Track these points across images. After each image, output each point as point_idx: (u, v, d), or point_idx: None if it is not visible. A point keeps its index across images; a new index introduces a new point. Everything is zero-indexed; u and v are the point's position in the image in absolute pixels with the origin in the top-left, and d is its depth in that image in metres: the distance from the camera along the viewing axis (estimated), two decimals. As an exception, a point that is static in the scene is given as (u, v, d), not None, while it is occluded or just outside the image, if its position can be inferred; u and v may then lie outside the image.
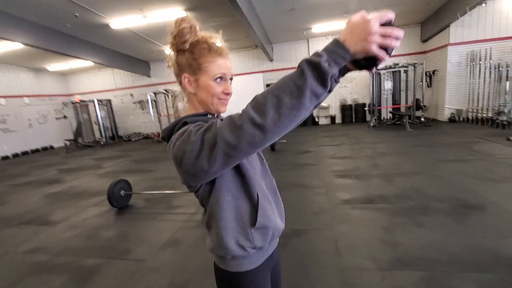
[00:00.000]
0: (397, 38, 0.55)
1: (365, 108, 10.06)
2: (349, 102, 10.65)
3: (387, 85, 9.13)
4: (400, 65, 8.51)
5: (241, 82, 11.50)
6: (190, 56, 0.77)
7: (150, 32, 8.14)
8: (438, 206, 2.84)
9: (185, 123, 0.75)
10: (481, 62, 7.57)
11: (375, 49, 0.54)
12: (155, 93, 10.94)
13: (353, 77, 10.37)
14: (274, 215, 0.83)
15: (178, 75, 0.81)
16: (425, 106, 9.01)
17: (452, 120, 8.46)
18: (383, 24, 0.55)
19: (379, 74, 8.99)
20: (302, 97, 0.55)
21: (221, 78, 0.78)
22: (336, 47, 0.55)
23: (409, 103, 8.93)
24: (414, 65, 8.50)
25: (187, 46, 0.77)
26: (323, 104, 10.72)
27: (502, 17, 7.68)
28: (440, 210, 2.77)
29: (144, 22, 7.04)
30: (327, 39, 10.23)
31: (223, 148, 0.60)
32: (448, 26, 7.99)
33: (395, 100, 9.12)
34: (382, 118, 9.45)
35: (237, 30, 8.58)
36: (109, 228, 3.13)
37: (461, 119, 8.25)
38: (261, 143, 0.60)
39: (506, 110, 6.60)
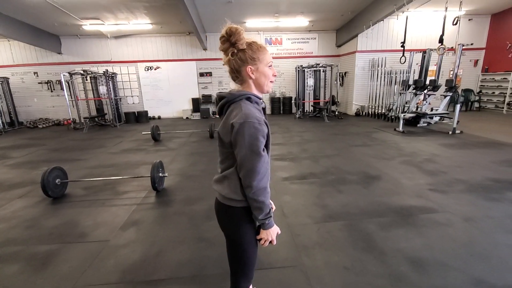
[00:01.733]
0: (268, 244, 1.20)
1: (292, 101, 11.23)
2: (277, 95, 11.65)
3: (310, 82, 10.41)
4: (320, 65, 9.84)
5: (172, 68, 11.15)
6: (250, 52, 1.09)
7: (67, 3, 7.13)
8: (351, 178, 3.74)
9: (249, 98, 1.10)
10: (378, 68, 9.47)
11: (266, 238, 1.17)
12: (70, 73, 9.56)
13: (282, 72, 11.38)
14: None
15: (240, 66, 1.10)
16: (338, 101, 10.68)
17: (357, 114, 10.35)
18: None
19: (304, 71, 10.16)
20: (258, 210, 1.11)
21: (270, 66, 1.15)
22: (270, 224, 1.16)
23: (327, 99, 10.45)
24: (331, 66, 9.96)
25: (245, 45, 1.08)
26: (255, 95, 11.41)
27: (393, 34, 9.76)
28: (352, 180, 3.66)
29: (63, -9, 6.17)
30: (259, 34, 10.90)
31: (251, 179, 1.06)
32: (356, 36, 9.65)
33: (316, 95, 10.50)
34: (305, 111, 10.75)
35: (171, 13, 8.33)
36: (51, 217, 2.93)
37: (364, 113, 10.18)
38: (245, 187, 1.09)
39: (394, 108, 8.54)
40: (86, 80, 10.17)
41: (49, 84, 10.86)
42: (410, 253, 2.10)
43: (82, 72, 9.62)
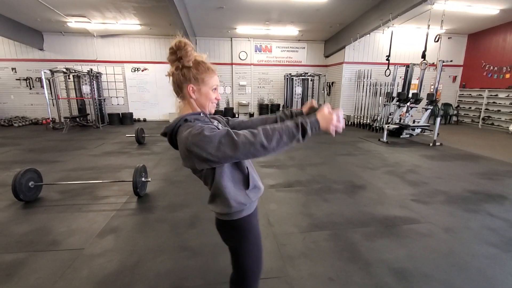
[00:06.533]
0: (341, 127, 0.99)
1: (280, 109, 11.29)
2: (266, 102, 11.70)
3: (298, 90, 10.54)
4: (308, 74, 9.99)
5: (160, 71, 10.96)
6: (195, 71, 1.05)
7: (52, -1, 6.90)
8: (337, 187, 3.76)
9: (186, 120, 1.03)
10: (364, 80, 9.72)
11: (331, 130, 0.98)
12: (52, 71, 9.20)
13: (270, 79, 11.46)
14: (258, 180, 1.20)
15: (182, 83, 1.06)
16: (325, 110, 10.85)
17: (343, 123, 10.52)
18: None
19: (292, 79, 10.28)
20: (292, 140, 0.94)
21: (215, 88, 1.12)
22: (315, 123, 0.96)
23: (314, 107, 10.58)
24: (319, 75, 10.14)
25: (191, 63, 1.04)
26: (243, 101, 11.42)
27: (379, 47, 10.08)
28: (338, 189, 3.67)
29: (48, -14, 5.97)
30: (249, 41, 10.95)
31: (238, 155, 0.93)
32: (344, 47, 9.89)
33: (304, 104, 10.60)
34: (292, 118, 10.82)
35: (160, 16, 8.21)
36: (21, 222, 2.74)
37: (350, 123, 10.38)
38: (260, 156, 0.96)
39: (378, 118, 8.76)
40: (69, 78, 9.83)
41: (28, 81, 10.39)
42: (394, 263, 2.10)
43: (64, 70, 9.29)
